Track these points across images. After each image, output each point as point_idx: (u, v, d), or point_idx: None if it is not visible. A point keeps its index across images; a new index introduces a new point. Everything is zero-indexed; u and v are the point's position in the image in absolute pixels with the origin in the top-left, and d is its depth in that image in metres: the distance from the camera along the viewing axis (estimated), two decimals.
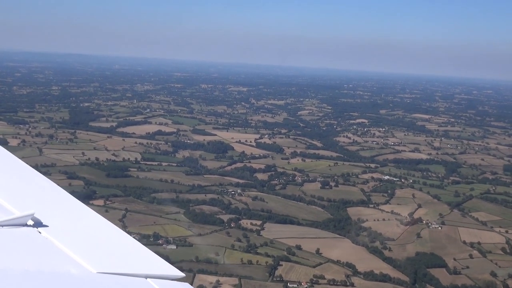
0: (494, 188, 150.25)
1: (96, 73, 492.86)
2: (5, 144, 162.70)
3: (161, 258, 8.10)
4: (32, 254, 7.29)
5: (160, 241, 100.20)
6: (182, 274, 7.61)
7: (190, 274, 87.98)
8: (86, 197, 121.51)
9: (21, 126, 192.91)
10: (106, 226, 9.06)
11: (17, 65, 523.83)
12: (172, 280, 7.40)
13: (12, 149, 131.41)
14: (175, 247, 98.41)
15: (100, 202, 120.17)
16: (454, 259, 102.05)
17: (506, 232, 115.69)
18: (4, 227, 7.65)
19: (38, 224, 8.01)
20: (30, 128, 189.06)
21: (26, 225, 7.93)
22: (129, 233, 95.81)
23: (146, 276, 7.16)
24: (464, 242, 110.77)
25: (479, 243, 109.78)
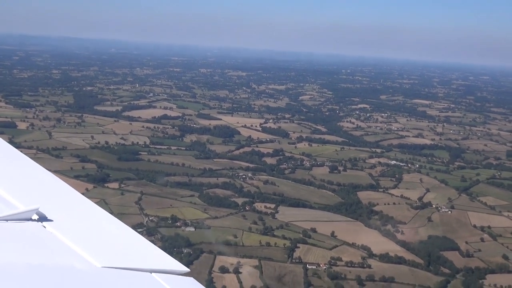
0: (499, 173, 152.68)
1: (94, 56, 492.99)
2: (14, 127, 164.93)
3: (165, 253, 8.08)
4: (37, 249, 7.36)
5: (178, 224, 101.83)
6: (187, 269, 7.76)
7: (211, 256, 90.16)
8: (100, 180, 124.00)
9: (28, 109, 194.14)
10: (110, 220, 9.08)
11: (14, 48, 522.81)
12: (177, 275, 7.54)
13: (21, 133, 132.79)
14: (193, 229, 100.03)
15: (115, 185, 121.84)
16: (466, 243, 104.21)
17: None
18: (9, 221, 7.74)
19: (42, 218, 8.07)
20: (37, 112, 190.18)
21: (30, 219, 7.97)
22: (147, 215, 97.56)
23: (151, 271, 7.32)
24: (475, 226, 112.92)
25: (489, 227, 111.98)
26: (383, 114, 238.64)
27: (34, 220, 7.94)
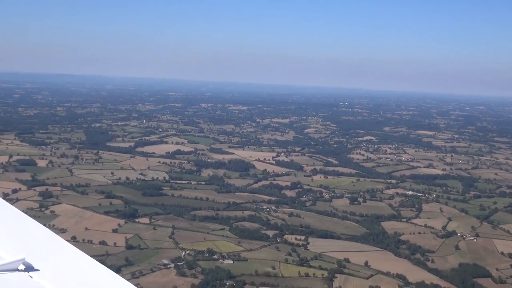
0: None
1: (92, 93, 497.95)
2: (34, 165, 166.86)
3: None
4: None
5: (215, 257, 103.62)
6: None
7: (253, 287, 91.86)
8: (130, 216, 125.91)
9: (43, 147, 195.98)
10: (97, 268, 9.02)
11: (11, 86, 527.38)
12: None
13: (42, 170, 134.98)
14: (231, 262, 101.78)
15: (145, 220, 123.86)
16: (497, 269, 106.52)
17: None
18: None
19: (29, 268, 8.10)
20: (53, 149, 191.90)
21: (17, 269, 8.03)
22: (183, 249, 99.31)
23: None
24: (502, 253, 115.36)
25: None
26: (390, 146, 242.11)
27: (21, 270, 8.12)
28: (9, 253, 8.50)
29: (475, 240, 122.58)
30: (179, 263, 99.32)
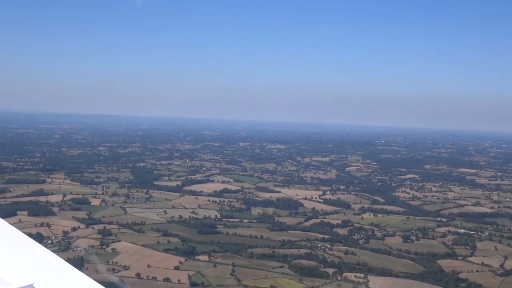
0: None
1: (129, 133, 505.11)
2: (87, 203, 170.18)
3: None
4: None
5: None
6: None
7: None
8: (189, 253, 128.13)
9: (94, 186, 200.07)
10: None
11: (50, 126, 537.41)
12: None
13: (96, 209, 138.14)
14: None
15: (205, 257, 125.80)
16: None
17: None
18: None
19: None
20: (104, 188, 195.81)
21: None
22: (246, 287, 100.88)
23: None
24: None
25: None
26: (435, 184, 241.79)
27: None
28: (17, 278, 8.47)
29: None
30: None
